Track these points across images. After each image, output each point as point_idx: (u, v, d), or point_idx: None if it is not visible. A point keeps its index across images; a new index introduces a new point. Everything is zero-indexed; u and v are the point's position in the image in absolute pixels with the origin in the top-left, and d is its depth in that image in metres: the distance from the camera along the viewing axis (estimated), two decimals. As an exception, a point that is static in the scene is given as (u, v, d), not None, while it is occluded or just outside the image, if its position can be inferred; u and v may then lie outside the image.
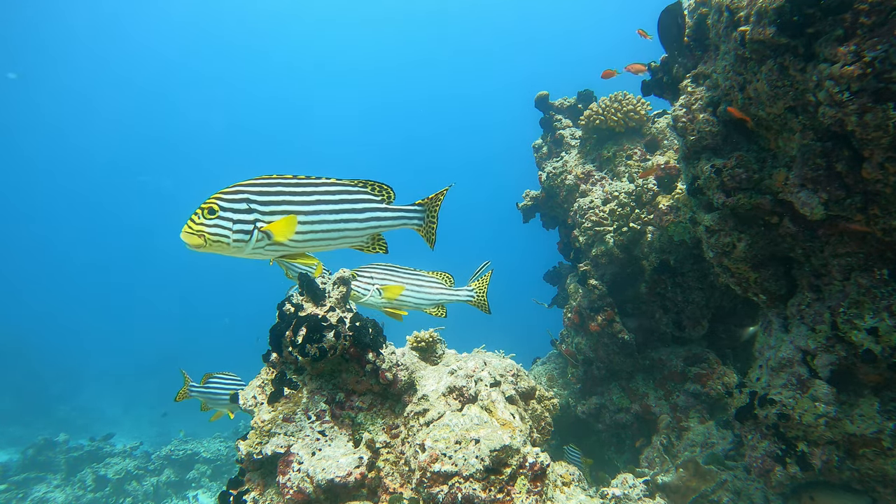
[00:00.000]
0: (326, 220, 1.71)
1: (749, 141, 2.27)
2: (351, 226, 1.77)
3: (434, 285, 2.66)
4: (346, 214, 1.75)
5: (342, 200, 1.74)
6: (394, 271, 2.57)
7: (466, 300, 2.80)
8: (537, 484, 2.16)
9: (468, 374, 2.53)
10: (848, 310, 2.01)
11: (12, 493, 7.81)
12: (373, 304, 2.54)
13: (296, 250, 1.73)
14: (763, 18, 1.79)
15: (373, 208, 1.82)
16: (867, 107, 1.56)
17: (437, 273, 2.71)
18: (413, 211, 1.98)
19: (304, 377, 2.60)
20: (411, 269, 2.62)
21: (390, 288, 2.48)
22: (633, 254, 3.81)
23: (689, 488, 2.74)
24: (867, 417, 1.99)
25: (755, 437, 2.37)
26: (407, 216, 1.96)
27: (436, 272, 2.70)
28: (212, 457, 8.78)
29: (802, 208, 1.95)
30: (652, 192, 3.78)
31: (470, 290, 2.81)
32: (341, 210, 1.74)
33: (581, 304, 4.19)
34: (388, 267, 2.57)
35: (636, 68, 3.73)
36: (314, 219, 1.68)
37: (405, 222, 1.96)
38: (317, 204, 1.68)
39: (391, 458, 2.42)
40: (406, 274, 2.60)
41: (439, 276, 2.70)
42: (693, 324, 3.71)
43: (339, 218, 1.73)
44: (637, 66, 3.74)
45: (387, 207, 1.87)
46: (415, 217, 1.99)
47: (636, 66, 3.75)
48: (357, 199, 1.78)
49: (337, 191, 1.74)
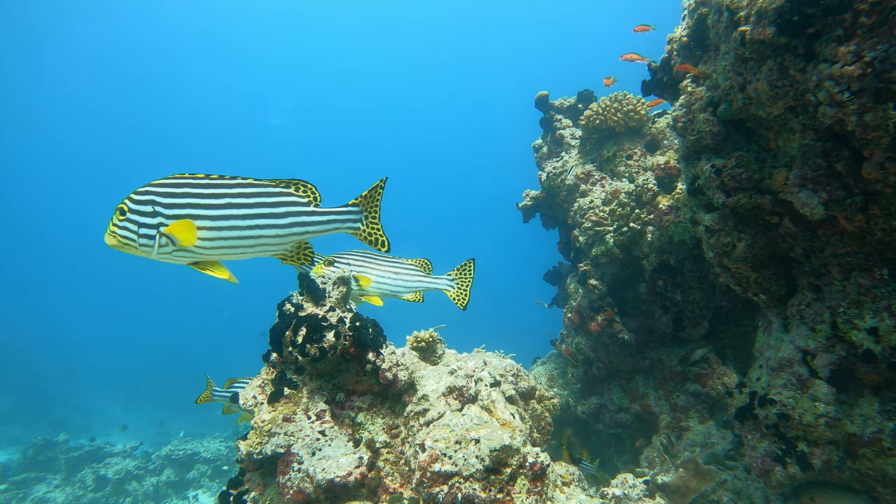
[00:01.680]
0: (238, 226, 1.54)
1: (749, 141, 2.27)
2: (269, 232, 1.59)
3: (411, 272, 2.64)
4: (263, 220, 1.56)
5: (259, 204, 1.57)
6: (371, 257, 2.53)
7: (445, 289, 2.76)
8: (537, 484, 2.16)
9: (468, 374, 2.53)
10: (848, 310, 2.01)
11: (12, 493, 7.81)
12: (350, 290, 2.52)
13: (205, 257, 1.57)
14: (763, 18, 1.79)
15: (296, 212, 1.63)
16: (867, 107, 1.56)
17: (415, 260, 2.68)
18: (345, 213, 1.77)
19: (304, 377, 2.60)
20: (389, 256, 2.58)
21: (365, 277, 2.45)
22: (633, 254, 3.81)
23: (689, 488, 2.74)
24: (867, 417, 1.99)
25: (755, 437, 2.37)
26: (339, 219, 1.75)
27: (414, 259, 2.68)
28: (212, 457, 8.78)
29: (802, 208, 1.95)
30: (652, 192, 3.78)
31: (450, 280, 2.77)
32: (257, 214, 1.56)
33: (581, 304, 4.19)
34: (366, 254, 2.53)
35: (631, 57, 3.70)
36: (223, 224, 1.52)
37: (337, 226, 1.75)
38: (227, 207, 1.52)
39: (391, 458, 2.42)
40: (383, 260, 2.57)
41: (417, 262, 2.68)
42: (693, 324, 3.71)
43: (255, 223, 1.56)
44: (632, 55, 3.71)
45: (314, 211, 1.67)
46: (349, 219, 1.78)
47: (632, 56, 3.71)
48: (277, 203, 1.60)
49: (252, 192, 1.56)
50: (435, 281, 2.72)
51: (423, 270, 2.67)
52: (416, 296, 2.68)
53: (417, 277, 2.65)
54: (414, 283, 2.64)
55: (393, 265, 2.59)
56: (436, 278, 2.72)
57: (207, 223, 1.51)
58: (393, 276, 2.57)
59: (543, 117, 5.25)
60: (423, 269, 2.68)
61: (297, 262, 1.72)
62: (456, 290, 2.78)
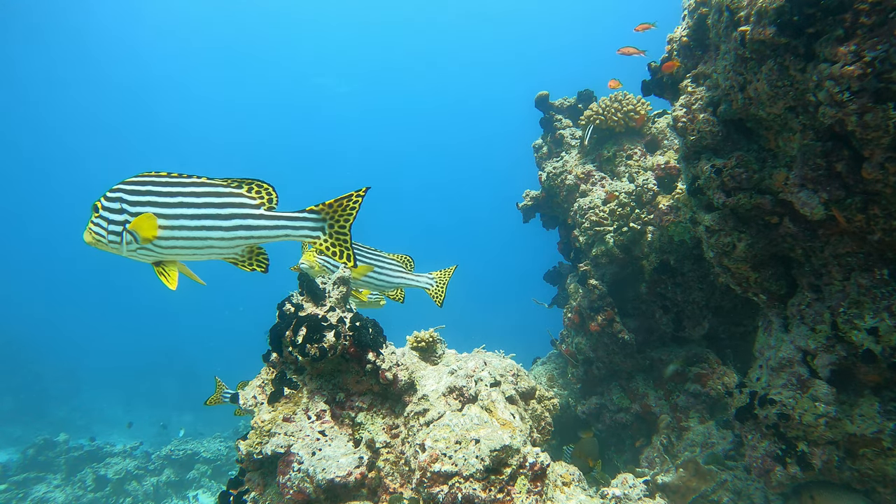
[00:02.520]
0: (187, 226, 1.49)
1: (749, 141, 2.27)
2: (215, 234, 1.51)
3: (396, 268, 2.63)
4: (209, 220, 1.50)
5: (206, 204, 1.50)
6: (360, 250, 2.46)
7: (425, 287, 2.77)
8: (537, 484, 2.16)
9: (468, 374, 2.53)
10: (848, 310, 2.01)
11: (12, 493, 7.81)
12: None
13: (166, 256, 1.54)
14: (763, 18, 1.79)
15: (243, 214, 1.53)
16: (867, 107, 1.56)
17: (398, 256, 2.67)
18: (300, 219, 1.60)
19: (304, 377, 2.60)
20: (375, 250, 2.54)
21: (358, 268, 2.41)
22: (633, 254, 3.81)
23: (689, 488, 2.74)
24: (867, 417, 1.99)
25: (755, 437, 2.37)
26: (291, 225, 1.59)
27: (397, 255, 2.66)
28: (212, 457, 8.78)
29: (802, 208, 1.95)
30: (652, 192, 3.78)
31: (430, 278, 2.79)
32: (203, 215, 1.50)
33: (581, 304, 4.19)
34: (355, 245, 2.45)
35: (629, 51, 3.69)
36: (175, 223, 1.48)
37: (288, 233, 1.60)
38: (179, 207, 1.48)
39: (391, 458, 2.42)
40: (371, 254, 2.52)
41: (400, 258, 2.66)
42: (693, 324, 3.71)
43: (201, 224, 1.50)
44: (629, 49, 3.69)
45: (262, 214, 1.55)
46: (304, 226, 1.61)
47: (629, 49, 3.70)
48: (224, 203, 1.52)
49: (202, 192, 1.50)
50: (417, 279, 2.72)
51: (405, 267, 2.67)
52: (398, 293, 2.68)
53: (401, 274, 2.64)
54: (398, 279, 2.63)
55: (381, 260, 2.56)
56: (418, 276, 2.72)
57: (162, 221, 1.49)
58: (380, 271, 2.54)
59: (543, 117, 5.25)
60: (406, 266, 2.68)
61: (250, 268, 1.62)
62: (435, 288, 2.80)
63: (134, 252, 1.53)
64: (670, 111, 3.23)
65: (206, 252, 1.56)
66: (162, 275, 1.57)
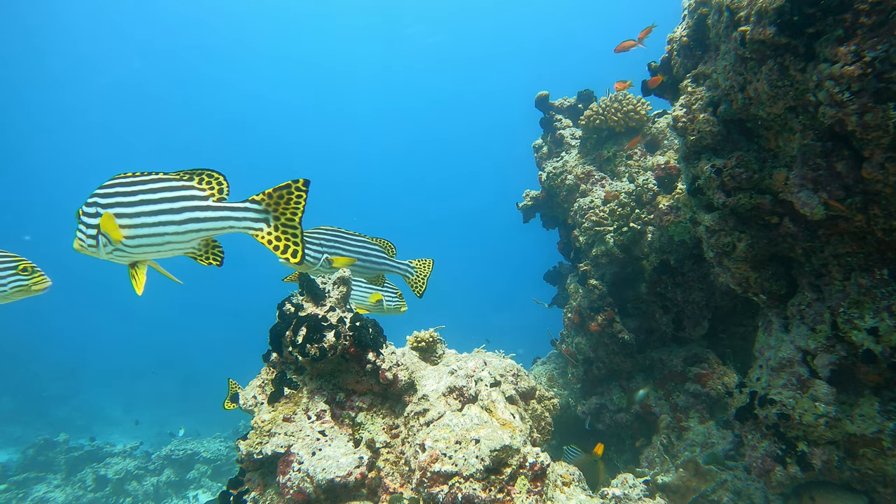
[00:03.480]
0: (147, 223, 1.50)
1: (749, 141, 2.28)
2: (170, 229, 1.51)
3: (378, 254, 2.54)
4: (164, 216, 1.50)
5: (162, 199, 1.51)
6: (341, 237, 2.37)
7: (406, 274, 2.71)
8: (537, 484, 2.16)
9: (468, 374, 2.53)
10: (848, 310, 2.01)
11: (12, 493, 7.81)
12: (319, 272, 2.34)
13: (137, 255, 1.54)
14: (763, 18, 1.79)
15: (192, 207, 1.52)
16: (867, 107, 1.56)
17: (378, 239, 2.57)
18: (241, 209, 1.57)
19: (304, 377, 2.60)
20: (356, 234, 2.43)
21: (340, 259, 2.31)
22: (633, 254, 3.81)
23: (690, 488, 2.74)
24: (867, 417, 1.99)
25: (755, 437, 2.37)
26: (234, 216, 1.56)
27: (377, 238, 2.56)
28: (212, 457, 8.78)
29: (802, 208, 1.95)
30: (652, 192, 3.78)
31: (411, 266, 2.72)
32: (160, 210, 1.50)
33: (581, 304, 4.19)
34: (336, 232, 2.35)
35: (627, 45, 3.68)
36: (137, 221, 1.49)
37: (232, 224, 1.56)
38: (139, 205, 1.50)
39: (391, 458, 2.42)
40: (353, 240, 2.42)
41: (380, 242, 2.57)
42: (693, 324, 3.71)
43: (158, 220, 1.50)
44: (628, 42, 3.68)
45: (208, 206, 1.53)
46: (245, 217, 1.57)
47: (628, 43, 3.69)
48: (177, 197, 1.52)
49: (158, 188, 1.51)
50: (398, 265, 2.65)
51: (387, 252, 2.59)
52: (380, 280, 2.61)
53: (383, 259, 2.56)
54: (379, 265, 2.55)
55: (363, 245, 2.46)
56: (398, 262, 2.65)
57: (125, 220, 1.49)
58: (363, 257, 2.44)
59: (543, 117, 5.25)
60: (388, 252, 2.59)
61: (206, 262, 1.61)
62: (415, 277, 2.73)
63: (111, 254, 1.54)
64: (670, 111, 3.23)
65: (167, 248, 1.55)
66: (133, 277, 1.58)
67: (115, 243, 1.51)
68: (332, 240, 2.33)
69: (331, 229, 2.35)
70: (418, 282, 2.75)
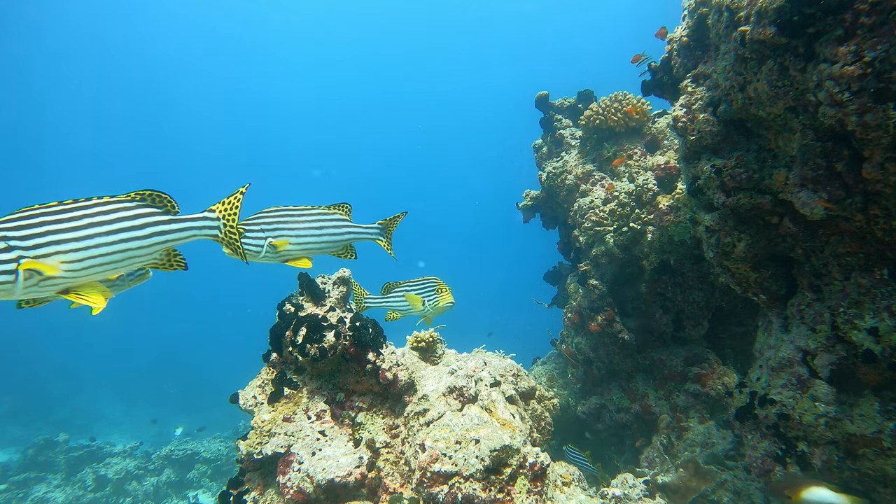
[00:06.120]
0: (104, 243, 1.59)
1: (749, 141, 2.28)
2: (133, 244, 1.66)
3: (338, 223, 2.35)
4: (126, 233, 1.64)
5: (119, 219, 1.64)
6: (289, 213, 2.24)
7: (375, 237, 2.52)
8: (537, 484, 2.16)
9: (468, 374, 2.53)
10: (848, 310, 2.01)
11: (12, 493, 7.81)
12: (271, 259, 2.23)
13: (76, 281, 1.60)
14: (763, 18, 1.79)
15: (154, 222, 1.70)
16: (867, 107, 1.56)
17: (336, 206, 2.38)
18: (200, 219, 1.82)
19: (304, 377, 2.60)
20: (308, 208, 2.31)
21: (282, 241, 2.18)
22: (633, 254, 3.81)
23: (690, 488, 2.74)
24: (867, 417, 1.99)
25: (755, 437, 2.37)
26: (195, 225, 1.80)
27: (334, 206, 2.38)
28: (212, 457, 8.78)
29: (802, 208, 1.95)
30: (652, 192, 3.78)
31: (378, 227, 2.53)
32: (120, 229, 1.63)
33: (581, 304, 4.19)
34: (280, 211, 2.24)
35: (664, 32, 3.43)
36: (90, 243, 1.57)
37: (195, 233, 1.80)
38: (90, 227, 1.57)
39: (391, 458, 2.42)
40: (303, 215, 2.27)
41: (340, 209, 2.38)
42: (693, 324, 3.71)
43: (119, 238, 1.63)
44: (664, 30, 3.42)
45: (170, 220, 1.74)
46: (205, 226, 1.83)
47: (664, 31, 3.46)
48: (135, 215, 1.67)
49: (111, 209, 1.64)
50: (366, 230, 2.47)
51: (348, 218, 2.39)
52: (348, 252, 2.43)
53: (345, 228, 2.37)
54: (342, 234, 2.36)
55: (315, 218, 2.30)
56: (366, 227, 2.48)
57: (73, 245, 1.54)
58: (317, 231, 2.29)
59: (543, 117, 5.25)
60: (347, 215, 2.39)
61: (171, 268, 1.81)
62: (386, 239, 2.55)
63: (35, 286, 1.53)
64: (670, 111, 3.23)
65: (127, 263, 1.69)
66: (81, 299, 1.65)
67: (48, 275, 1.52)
68: (275, 221, 2.20)
69: (275, 210, 2.22)
70: (390, 243, 2.57)
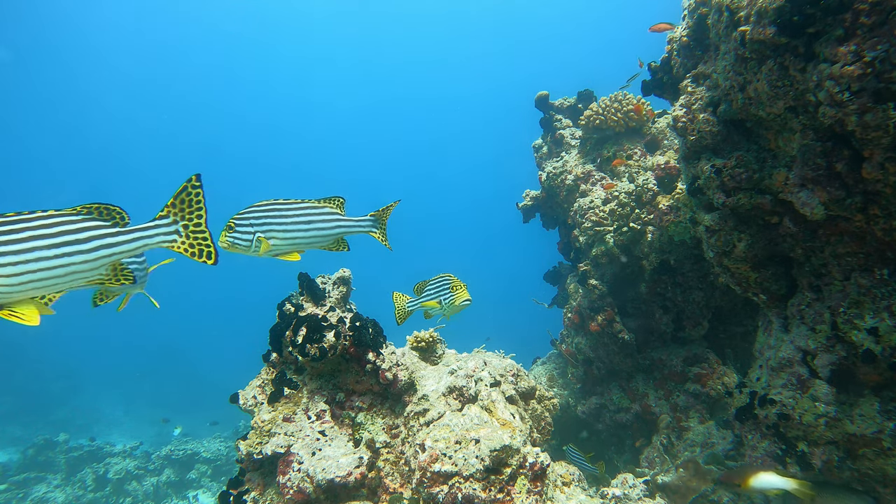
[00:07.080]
0: (44, 257, 1.52)
1: (749, 141, 2.28)
2: (77, 259, 1.57)
3: (328, 216, 2.28)
4: (68, 247, 1.56)
5: (62, 232, 1.56)
6: (277, 209, 2.19)
7: (369, 230, 2.44)
8: (537, 484, 2.16)
9: (468, 374, 2.53)
10: (848, 310, 2.01)
11: (12, 493, 7.81)
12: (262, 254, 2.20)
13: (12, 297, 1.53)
14: (763, 18, 1.79)
15: (100, 235, 1.62)
16: (867, 107, 1.56)
17: (328, 200, 2.31)
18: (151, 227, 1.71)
19: (304, 377, 2.60)
20: (297, 202, 2.25)
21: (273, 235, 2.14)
22: (633, 254, 3.81)
23: (690, 488, 2.74)
24: (867, 417, 1.99)
25: (755, 437, 2.37)
26: (146, 234, 1.69)
27: (326, 199, 2.32)
28: (212, 457, 8.78)
29: (802, 208, 1.95)
30: (652, 192, 3.78)
31: (372, 220, 2.45)
32: (63, 243, 1.55)
33: (581, 304, 4.19)
34: (271, 206, 2.18)
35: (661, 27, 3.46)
36: (28, 256, 1.50)
37: (146, 242, 1.70)
38: (30, 240, 1.50)
39: (391, 458, 2.42)
40: (292, 209, 2.22)
41: (331, 202, 2.32)
42: (693, 324, 3.71)
43: (61, 252, 1.54)
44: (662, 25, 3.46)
45: (118, 231, 1.65)
46: (158, 233, 1.71)
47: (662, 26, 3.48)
48: (80, 229, 1.59)
49: (54, 223, 1.56)
50: (358, 223, 2.40)
51: (339, 211, 2.33)
52: (340, 245, 2.37)
53: (336, 221, 2.31)
54: (333, 228, 2.30)
55: (306, 212, 2.25)
56: (357, 220, 2.40)
57: (10, 259, 1.48)
58: (305, 226, 2.23)
59: (543, 117, 5.25)
60: (340, 210, 2.33)
61: (118, 283, 1.69)
62: (381, 231, 2.47)
63: None
64: (670, 111, 3.23)
65: (70, 280, 1.60)
66: (13, 316, 1.56)
67: None
68: (264, 216, 2.15)
69: (265, 204, 2.17)
70: (384, 235, 2.48)
